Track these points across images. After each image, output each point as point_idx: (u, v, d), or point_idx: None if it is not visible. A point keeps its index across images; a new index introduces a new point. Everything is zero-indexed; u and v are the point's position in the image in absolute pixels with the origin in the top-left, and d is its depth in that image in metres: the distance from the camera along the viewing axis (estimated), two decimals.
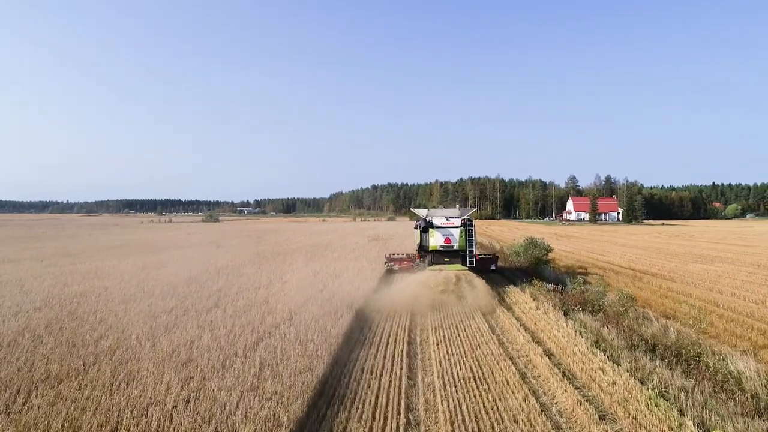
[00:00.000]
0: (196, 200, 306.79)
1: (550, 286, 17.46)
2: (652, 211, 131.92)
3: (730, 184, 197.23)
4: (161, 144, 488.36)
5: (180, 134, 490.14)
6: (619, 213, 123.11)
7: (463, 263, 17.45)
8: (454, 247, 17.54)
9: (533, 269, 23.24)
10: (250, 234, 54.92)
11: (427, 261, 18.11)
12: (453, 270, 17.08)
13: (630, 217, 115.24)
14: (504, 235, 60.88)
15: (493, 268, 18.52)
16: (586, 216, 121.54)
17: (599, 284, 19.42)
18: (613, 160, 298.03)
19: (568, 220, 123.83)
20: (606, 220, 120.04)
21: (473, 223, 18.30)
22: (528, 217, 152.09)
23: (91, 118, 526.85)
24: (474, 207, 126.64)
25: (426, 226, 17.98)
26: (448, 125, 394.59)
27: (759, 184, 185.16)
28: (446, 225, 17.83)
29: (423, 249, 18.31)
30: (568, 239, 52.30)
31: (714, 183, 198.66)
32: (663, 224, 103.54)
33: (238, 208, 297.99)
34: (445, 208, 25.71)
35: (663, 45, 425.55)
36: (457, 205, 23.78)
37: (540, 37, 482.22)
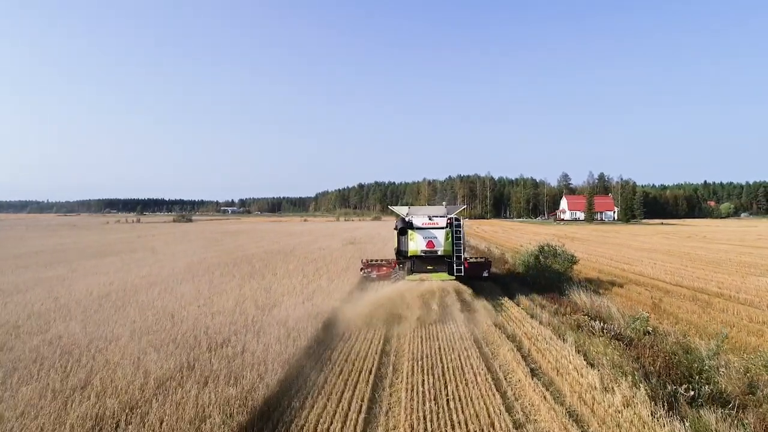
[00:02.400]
0: (180, 200, 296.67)
1: (598, 324, 11.16)
2: (648, 209, 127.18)
3: (721, 182, 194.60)
4: (147, 143, 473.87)
5: (166, 133, 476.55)
6: (615, 212, 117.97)
7: (450, 272, 14.57)
8: (438, 253, 14.74)
9: (547, 283, 17.10)
10: (210, 237, 47.94)
11: (406, 268, 15.14)
12: (437, 280, 14.11)
13: (628, 217, 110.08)
14: (499, 236, 54.90)
15: (485, 274, 15.91)
16: (581, 215, 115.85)
17: (661, 315, 13.24)
18: (603, 158, 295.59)
19: (563, 220, 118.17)
20: (602, 219, 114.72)
21: (461, 222, 15.34)
22: (519, 217, 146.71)
23: (76, 116, 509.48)
24: (464, 204, 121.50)
25: (404, 227, 14.96)
26: (437, 123, 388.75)
27: (751, 183, 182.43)
28: (429, 226, 14.88)
29: (401, 254, 15.48)
30: (571, 241, 46.25)
31: (705, 181, 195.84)
32: (662, 224, 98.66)
33: (222, 208, 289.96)
34: (430, 205, 21.17)
35: (654, 44, 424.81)
36: (444, 203, 18.87)
37: (530, 35, 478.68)
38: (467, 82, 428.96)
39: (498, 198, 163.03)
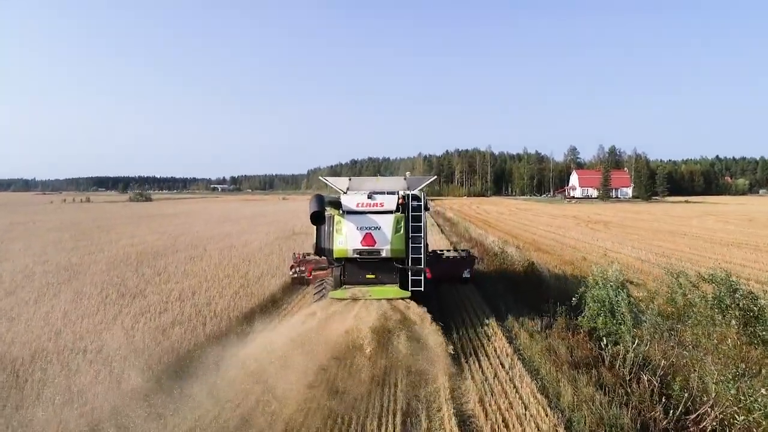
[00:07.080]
0: (172, 177, 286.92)
1: None
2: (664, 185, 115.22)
3: (734, 157, 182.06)
4: (139, 119, 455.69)
5: (160, 110, 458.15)
6: (630, 188, 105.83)
7: (403, 285, 8.59)
8: (383, 253, 8.45)
9: None
10: (106, 225, 35.85)
11: (332, 279, 9.03)
12: (378, 297, 8.23)
13: (649, 194, 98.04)
14: (508, 221, 42.97)
15: (466, 275, 11.02)
16: (593, 192, 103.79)
17: None
18: (609, 132, 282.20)
19: (573, 197, 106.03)
20: (618, 196, 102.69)
21: (424, 202, 8.88)
22: (522, 194, 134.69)
23: (65, 94, 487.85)
24: (434, 176, 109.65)
25: (319, 212, 8.06)
26: (433, 96, 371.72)
27: (767, 158, 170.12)
28: (367, 208, 8.48)
29: (324, 253, 9.11)
30: (605, 227, 34.45)
31: (718, 156, 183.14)
32: (687, 201, 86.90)
33: (213, 186, 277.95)
34: (385, 177, 11.21)
35: (661, 17, 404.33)
36: (408, 173, 10.01)
37: (537, 6, 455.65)
38: (465, 55, 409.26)
39: (499, 174, 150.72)
